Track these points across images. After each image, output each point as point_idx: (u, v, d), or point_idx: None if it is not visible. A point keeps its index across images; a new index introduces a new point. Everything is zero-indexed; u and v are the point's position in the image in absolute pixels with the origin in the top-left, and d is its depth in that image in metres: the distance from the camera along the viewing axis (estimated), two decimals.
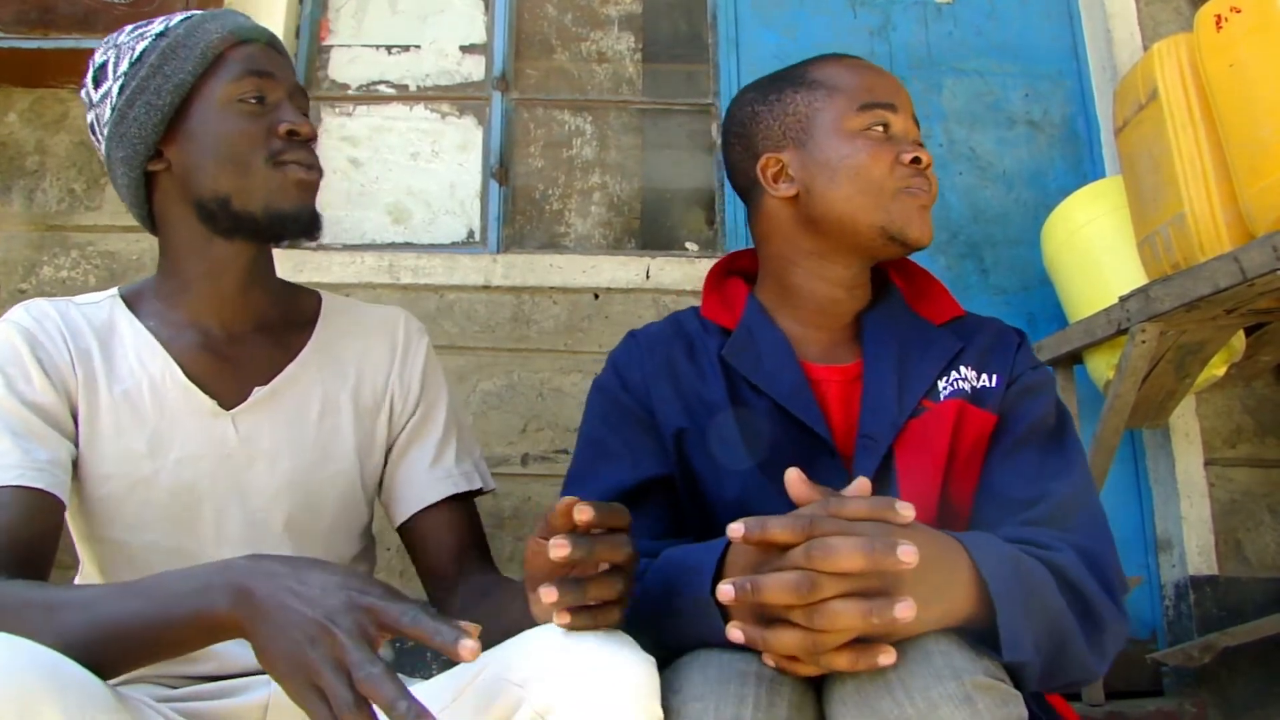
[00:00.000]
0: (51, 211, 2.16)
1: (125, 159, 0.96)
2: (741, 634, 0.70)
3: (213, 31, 0.97)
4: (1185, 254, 1.72)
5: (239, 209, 0.95)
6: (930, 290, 1.08)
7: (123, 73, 0.96)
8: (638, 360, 1.03)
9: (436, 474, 1.05)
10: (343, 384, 1.04)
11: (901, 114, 1.00)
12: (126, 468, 0.93)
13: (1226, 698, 1.93)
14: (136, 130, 0.95)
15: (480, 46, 2.45)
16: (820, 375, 0.99)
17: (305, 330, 1.05)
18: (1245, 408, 2.13)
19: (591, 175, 2.40)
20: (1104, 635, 0.81)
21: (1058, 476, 0.91)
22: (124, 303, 1.01)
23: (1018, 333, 1.04)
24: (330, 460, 1.01)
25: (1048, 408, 0.97)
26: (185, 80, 0.95)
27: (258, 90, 0.96)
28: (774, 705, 0.70)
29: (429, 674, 1.88)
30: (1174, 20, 2.31)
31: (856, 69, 1.03)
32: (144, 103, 0.94)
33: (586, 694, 0.67)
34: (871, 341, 1.00)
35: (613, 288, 2.16)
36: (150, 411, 0.95)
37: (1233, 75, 1.62)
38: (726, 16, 2.42)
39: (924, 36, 2.41)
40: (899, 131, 1.00)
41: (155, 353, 0.97)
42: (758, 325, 1.02)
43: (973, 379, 0.98)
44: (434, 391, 1.10)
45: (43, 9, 2.07)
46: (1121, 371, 1.75)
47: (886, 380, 0.97)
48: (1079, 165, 2.35)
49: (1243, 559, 2.04)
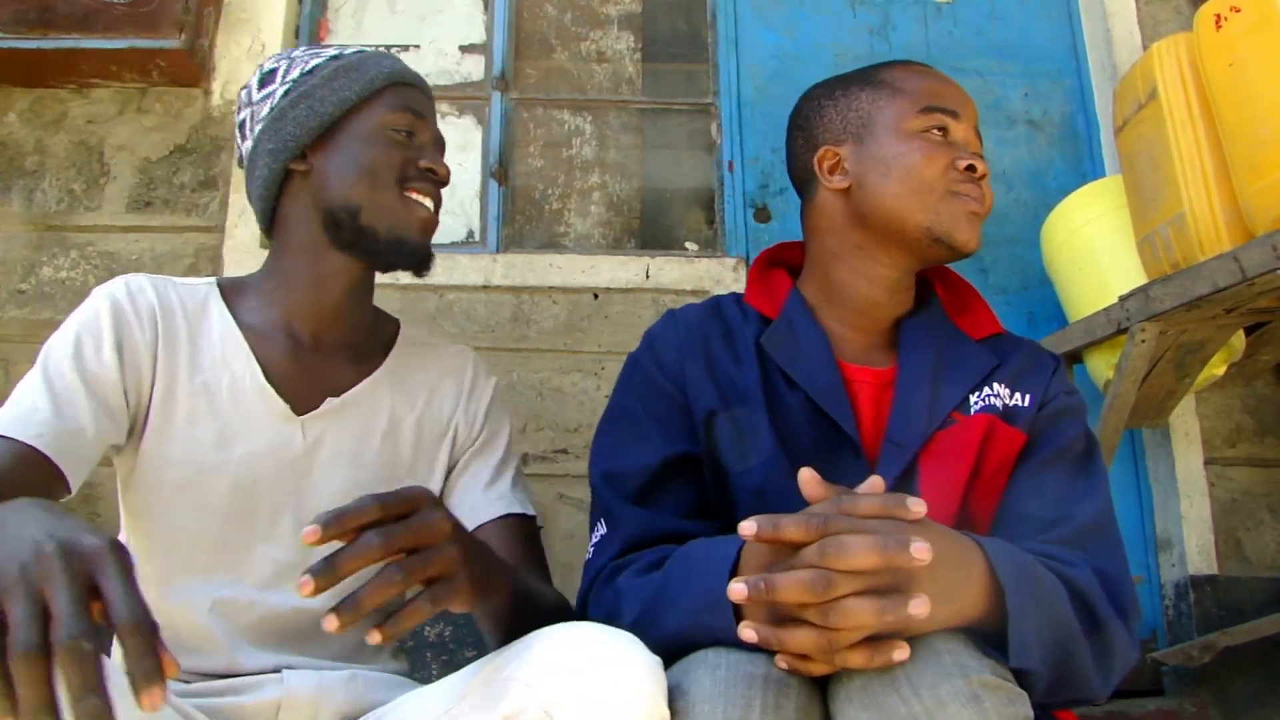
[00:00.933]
0: (51, 212, 2.16)
1: (273, 151, 1.03)
2: (755, 633, 0.70)
3: (384, 66, 1.07)
4: (1185, 253, 1.72)
5: (365, 223, 1.01)
6: (972, 304, 1.08)
7: (292, 79, 1.04)
8: (674, 339, 1.04)
9: (491, 495, 1.08)
10: (410, 409, 1.08)
11: (964, 123, 1.02)
12: (193, 456, 0.97)
13: (1226, 697, 1.93)
14: (292, 129, 1.02)
15: (479, 46, 2.45)
16: (854, 375, 1.00)
17: (382, 352, 1.10)
18: (1245, 407, 2.13)
19: (591, 175, 2.40)
20: (1112, 658, 0.81)
21: (1081, 500, 0.91)
22: (220, 292, 1.05)
23: (1054, 357, 1.05)
24: (387, 478, 1.04)
25: (1078, 432, 0.97)
26: (349, 98, 1.03)
27: (410, 126, 1.05)
28: (781, 708, 0.70)
29: (428, 674, 1.88)
30: (1173, 19, 2.31)
31: (924, 74, 1.05)
32: (306, 106, 1.02)
33: (593, 694, 0.67)
34: (908, 348, 1.01)
35: (612, 287, 2.16)
36: (226, 405, 0.98)
37: (1232, 74, 1.62)
38: (726, 16, 2.42)
39: (923, 36, 2.41)
40: (959, 139, 1.01)
41: (240, 349, 1.01)
42: (799, 318, 1.03)
43: (1005, 397, 0.98)
44: (497, 424, 1.14)
45: (41, 9, 2.07)
46: (1121, 371, 1.75)
47: (920, 389, 0.97)
48: (1079, 165, 2.35)
49: (1243, 558, 2.04)
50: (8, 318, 2.07)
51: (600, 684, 0.68)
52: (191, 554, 0.95)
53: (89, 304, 0.98)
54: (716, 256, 2.21)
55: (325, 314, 1.05)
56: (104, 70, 2.16)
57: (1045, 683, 0.75)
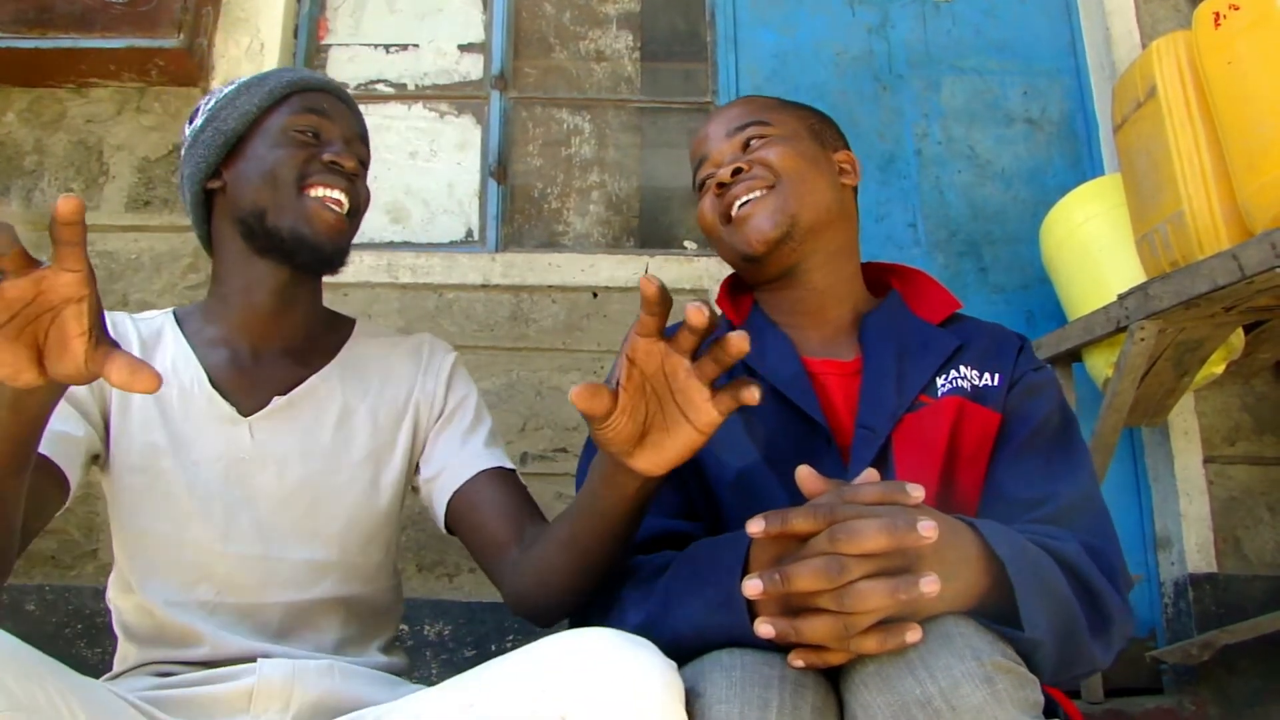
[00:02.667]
0: (50, 211, 2.16)
1: (190, 176, 1.08)
2: (771, 628, 0.71)
3: (285, 76, 1.09)
4: (1184, 251, 1.72)
5: (271, 225, 1.02)
6: (927, 291, 1.10)
7: (208, 109, 1.08)
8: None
9: (466, 454, 1.07)
10: (362, 396, 1.08)
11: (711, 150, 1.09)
12: (149, 462, 1.00)
13: (1226, 695, 1.93)
14: (203, 151, 1.06)
15: (479, 45, 2.45)
16: (819, 369, 1.02)
17: (333, 351, 1.11)
18: (1244, 405, 2.13)
19: (590, 174, 2.40)
20: (1110, 627, 0.82)
21: (1064, 478, 0.92)
22: (175, 319, 1.10)
23: (1019, 336, 1.06)
24: (342, 467, 1.04)
25: (1052, 408, 0.98)
26: (250, 111, 1.06)
27: (314, 126, 1.06)
28: (798, 709, 0.70)
29: (428, 674, 1.88)
30: (1172, 18, 2.31)
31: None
32: (214, 128, 1.06)
33: (610, 699, 0.67)
34: (871, 338, 1.03)
35: (611, 286, 2.16)
36: (177, 413, 1.02)
37: (1231, 72, 1.62)
38: (725, 15, 2.42)
39: (922, 34, 2.41)
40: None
41: (189, 362, 1.04)
42: (760, 322, 1.07)
43: (973, 378, 1.00)
44: (460, 393, 1.13)
45: (40, 8, 2.07)
46: (1120, 369, 1.75)
47: (885, 374, 0.99)
48: (1077, 163, 2.35)
49: (1242, 556, 2.04)
50: None
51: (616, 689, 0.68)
52: (161, 554, 0.99)
53: None
54: (715, 255, 2.21)
55: (261, 320, 1.06)
56: (103, 70, 2.16)
57: (1053, 659, 0.75)
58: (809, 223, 1.03)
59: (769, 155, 1.04)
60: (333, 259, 1.05)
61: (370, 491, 1.05)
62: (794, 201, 1.02)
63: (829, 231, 1.05)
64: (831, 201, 1.05)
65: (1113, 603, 0.82)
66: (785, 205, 1.02)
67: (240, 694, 0.92)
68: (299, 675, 0.93)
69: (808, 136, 1.08)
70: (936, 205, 2.32)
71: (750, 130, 1.06)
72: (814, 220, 1.03)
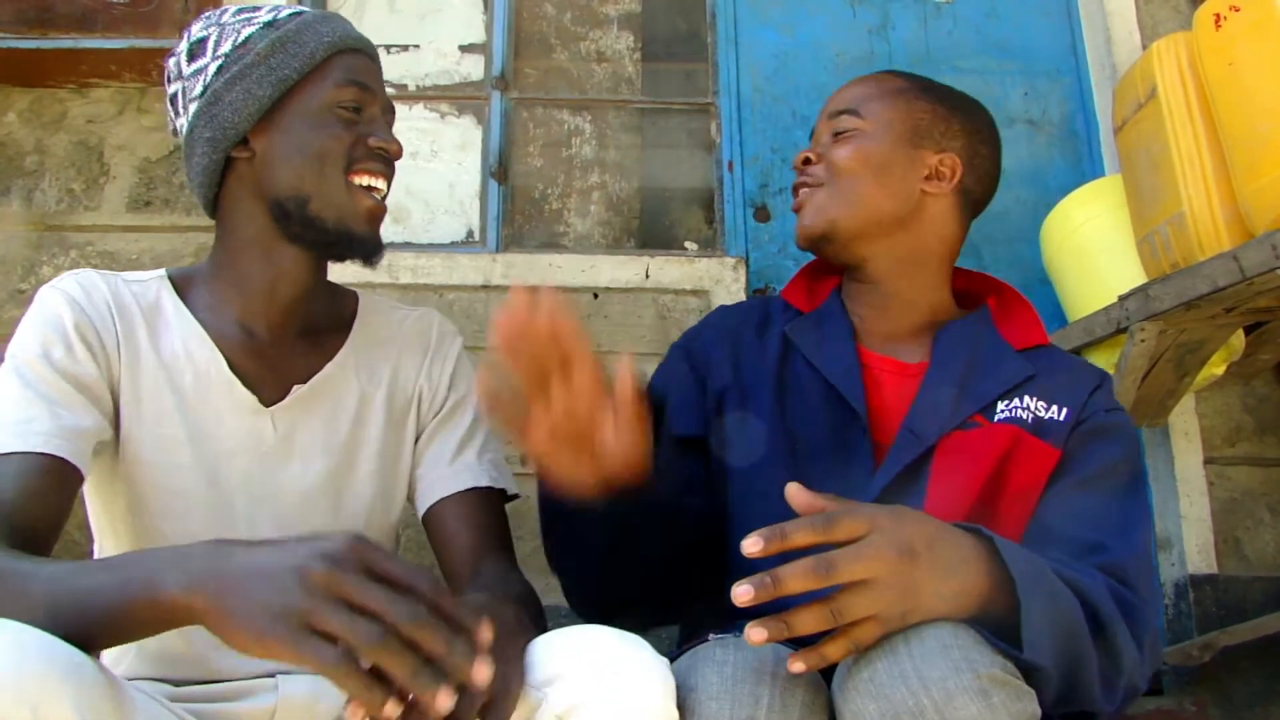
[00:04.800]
0: (50, 211, 2.16)
1: (211, 140, 0.95)
2: (764, 631, 0.69)
3: (324, 34, 0.97)
4: (1184, 253, 1.72)
5: (314, 214, 0.95)
6: (1019, 314, 1.06)
7: (224, 54, 0.95)
8: (709, 326, 1.10)
9: (456, 467, 1.04)
10: (377, 387, 1.04)
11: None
12: (165, 455, 0.93)
13: (1226, 696, 1.93)
14: (230, 115, 0.94)
15: (479, 46, 2.45)
16: (877, 364, 1.00)
17: (343, 331, 1.06)
18: (1245, 406, 2.13)
19: (591, 174, 2.40)
20: (1119, 679, 0.79)
21: (1121, 533, 0.87)
22: (172, 285, 1.00)
23: (1101, 373, 1.01)
24: (361, 462, 1.01)
25: (1121, 455, 0.93)
26: (289, 76, 0.95)
27: (357, 100, 0.97)
28: (787, 706, 0.70)
29: None
30: (1173, 19, 2.30)
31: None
32: (243, 89, 0.94)
33: (606, 695, 0.67)
34: (944, 345, 1.00)
35: (612, 287, 2.16)
36: (193, 401, 0.94)
37: (1232, 74, 1.62)
38: (725, 15, 2.42)
39: (923, 35, 2.41)
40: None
41: (203, 343, 0.96)
42: (832, 309, 1.06)
43: (1038, 409, 0.95)
44: (463, 389, 1.09)
45: (41, 8, 2.07)
46: (1121, 370, 1.75)
47: (946, 383, 0.96)
48: (1078, 164, 2.35)
49: (1242, 557, 2.04)
50: (8, 317, 2.07)
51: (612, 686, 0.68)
52: None
53: (46, 303, 0.93)
54: (716, 256, 2.21)
55: (282, 309, 1.00)
56: (104, 70, 2.16)
57: (1052, 690, 0.73)
58: (852, 228, 1.01)
59: (837, 153, 1.03)
60: (376, 251, 1.00)
61: (387, 486, 1.03)
62: (837, 205, 1.01)
63: (891, 238, 1.03)
64: (892, 209, 1.02)
65: (1129, 656, 0.79)
66: (827, 208, 1.02)
67: (262, 713, 0.89)
68: (321, 692, 0.90)
69: (898, 135, 1.04)
70: None
71: (844, 119, 1.05)
72: (860, 225, 1.01)
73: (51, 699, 0.56)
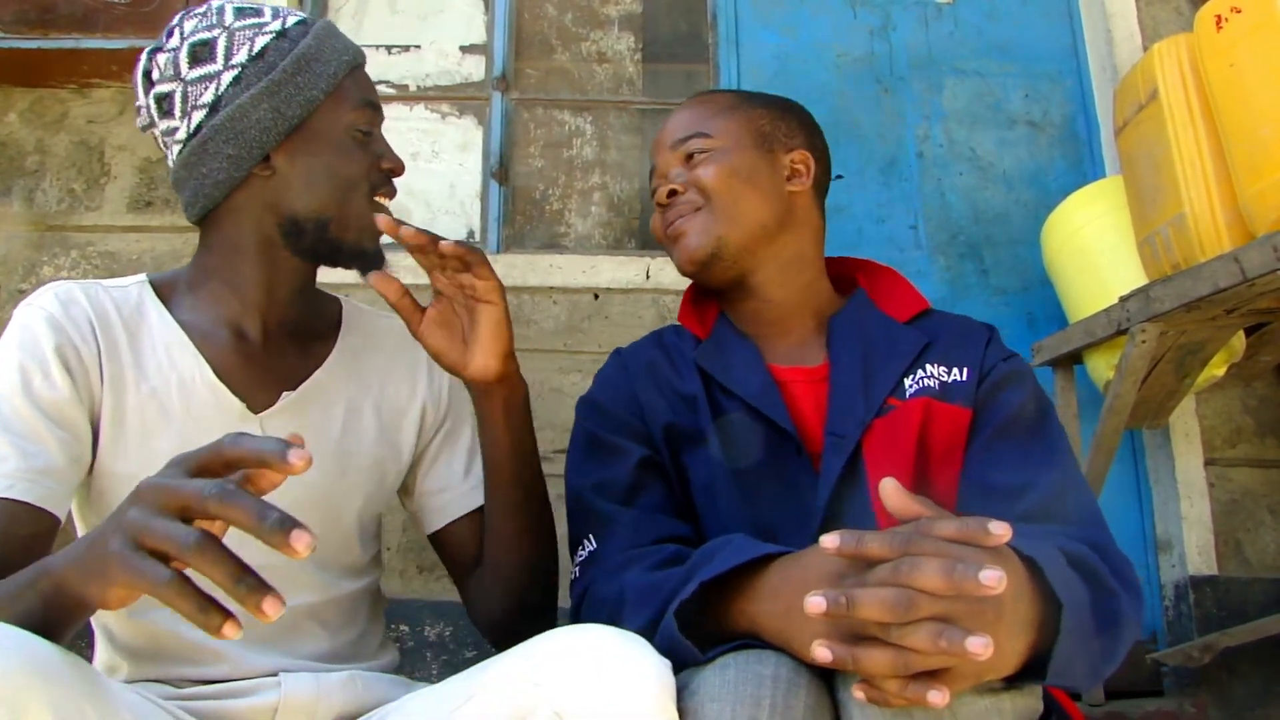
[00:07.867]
0: (51, 212, 2.16)
1: (234, 157, 0.93)
2: (830, 653, 0.66)
3: (341, 52, 0.97)
4: (1185, 254, 1.72)
5: (334, 235, 0.97)
6: (894, 288, 1.09)
7: (239, 63, 0.93)
8: (622, 371, 1.08)
9: (470, 483, 1.06)
10: (366, 394, 1.04)
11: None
12: (151, 468, 0.90)
13: (1227, 698, 1.93)
14: (257, 133, 0.93)
15: (480, 46, 2.45)
16: (787, 376, 1.01)
17: (329, 336, 1.05)
18: (1245, 408, 2.13)
19: (591, 175, 2.40)
20: (1117, 645, 0.78)
21: (1044, 466, 0.90)
22: (154, 291, 0.98)
23: (987, 327, 1.04)
24: (351, 469, 1.01)
25: (1025, 397, 0.96)
26: (316, 97, 0.94)
27: (369, 123, 0.99)
28: (790, 709, 0.70)
29: (428, 674, 1.88)
30: (1174, 20, 2.31)
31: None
32: (271, 108, 0.92)
33: (604, 695, 0.67)
34: (838, 342, 1.02)
35: (612, 288, 2.16)
36: (178, 411, 0.92)
37: (1233, 75, 1.62)
38: (726, 16, 2.42)
39: (924, 36, 2.41)
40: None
41: (186, 350, 0.94)
42: (726, 333, 1.06)
43: (941, 375, 0.98)
44: (460, 405, 1.10)
45: (42, 9, 2.07)
46: (1121, 372, 1.75)
47: (853, 379, 0.98)
48: (1079, 165, 2.35)
49: (1243, 559, 2.04)
50: (8, 318, 2.07)
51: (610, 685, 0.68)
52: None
53: (23, 325, 0.91)
54: None
55: (275, 312, 0.99)
56: (105, 70, 2.16)
57: (1060, 678, 0.73)
58: (740, 242, 1.02)
59: (702, 175, 1.03)
60: (380, 265, 1.01)
61: (376, 494, 1.04)
62: (722, 223, 1.02)
63: (774, 244, 1.04)
64: (772, 215, 1.04)
65: (1129, 610, 0.79)
66: (713, 226, 1.02)
67: (264, 710, 0.88)
68: (323, 689, 0.90)
69: (750, 145, 1.06)
70: (938, 207, 2.32)
71: (691, 144, 1.05)
72: (747, 238, 1.03)
73: (27, 697, 0.57)
